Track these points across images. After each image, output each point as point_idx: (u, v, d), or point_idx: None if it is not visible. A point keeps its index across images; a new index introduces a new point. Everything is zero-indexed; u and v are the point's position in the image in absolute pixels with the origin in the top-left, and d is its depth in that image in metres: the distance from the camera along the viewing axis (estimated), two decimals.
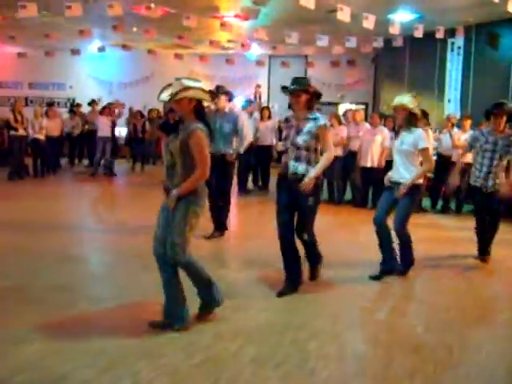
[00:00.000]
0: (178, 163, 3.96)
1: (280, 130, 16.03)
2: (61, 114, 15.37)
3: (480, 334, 4.34)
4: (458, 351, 3.91)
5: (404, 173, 5.48)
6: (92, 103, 15.69)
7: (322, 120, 4.80)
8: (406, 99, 5.40)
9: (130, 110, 16.29)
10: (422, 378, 3.46)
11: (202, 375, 3.40)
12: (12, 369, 3.39)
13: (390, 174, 5.72)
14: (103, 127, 13.75)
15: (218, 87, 7.20)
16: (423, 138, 5.42)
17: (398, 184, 5.49)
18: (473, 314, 4.75)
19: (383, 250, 5.65)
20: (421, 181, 5.55)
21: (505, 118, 6.14)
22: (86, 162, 15.84)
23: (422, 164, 5.53)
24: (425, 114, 7.73)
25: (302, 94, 4.79)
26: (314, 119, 4.78)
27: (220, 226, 7.21)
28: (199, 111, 4.01)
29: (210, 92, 6.53)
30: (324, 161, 4.80)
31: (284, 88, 4.92)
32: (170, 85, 4.02)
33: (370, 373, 3.54)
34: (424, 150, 5.42)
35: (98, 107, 15.08)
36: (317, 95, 4.87)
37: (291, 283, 5.01)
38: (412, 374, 3.52)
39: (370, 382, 3.42)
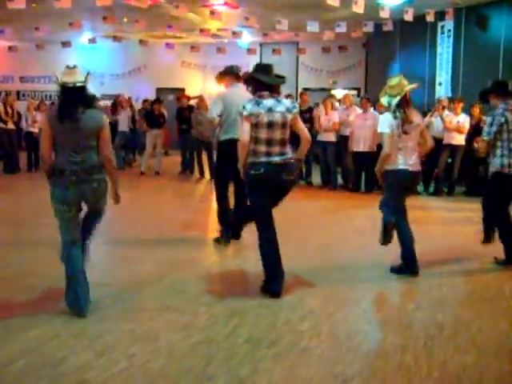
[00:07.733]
0: None
1: None
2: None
3: (471, 311, 4.41)
4: (448, 327, 3.98)
5: None
6: None
7: None
8: None
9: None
10: (413, 352, 3.54)
11: (198, 356, 3.46)
12: (10, 355, 3.43)
13: None
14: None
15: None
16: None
17: None
18: (464, 292, 4.82)
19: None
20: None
21: None
22: None
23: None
24: None
25: None
26: None
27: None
28: None
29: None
30: None
31: None
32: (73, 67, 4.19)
33: (362, 349, 3.62)
34: None
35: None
36: None
37: None
38: (403, 348, 3.60)
39: (362, 358, 3.49)
